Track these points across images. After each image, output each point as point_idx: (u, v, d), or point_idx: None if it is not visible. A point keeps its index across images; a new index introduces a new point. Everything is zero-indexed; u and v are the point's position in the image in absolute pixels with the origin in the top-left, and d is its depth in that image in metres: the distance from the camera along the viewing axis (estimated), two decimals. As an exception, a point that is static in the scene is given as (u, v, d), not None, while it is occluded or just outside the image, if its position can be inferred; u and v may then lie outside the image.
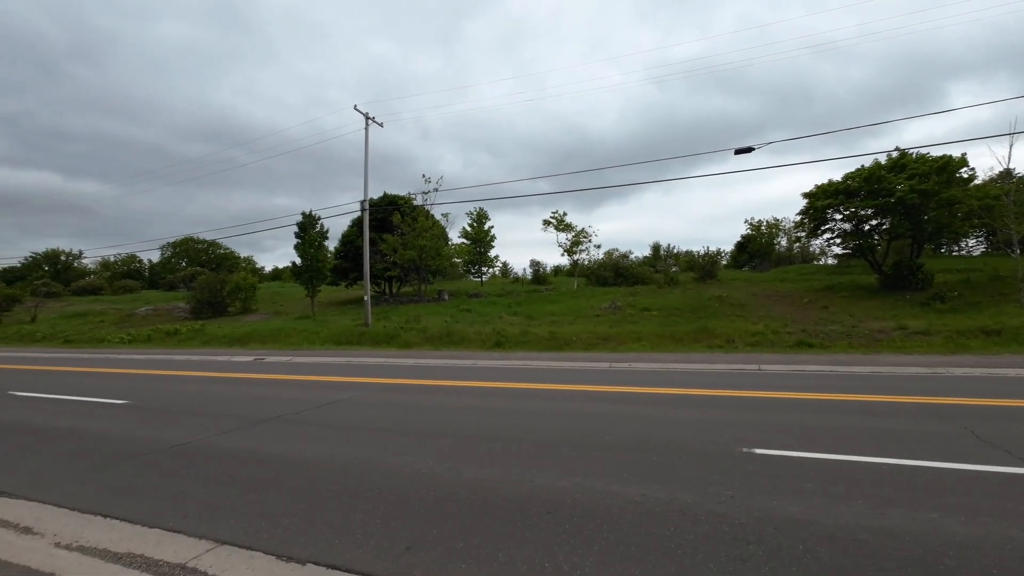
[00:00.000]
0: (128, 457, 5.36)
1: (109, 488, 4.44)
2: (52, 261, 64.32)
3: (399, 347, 17.67)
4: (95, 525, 3.67)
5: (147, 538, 3.43)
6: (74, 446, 5.88)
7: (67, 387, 10.42)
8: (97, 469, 5.00)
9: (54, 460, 5.35)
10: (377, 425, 6.43)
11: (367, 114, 23.20)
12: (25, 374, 13.20)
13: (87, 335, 27.74)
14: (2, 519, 3.79)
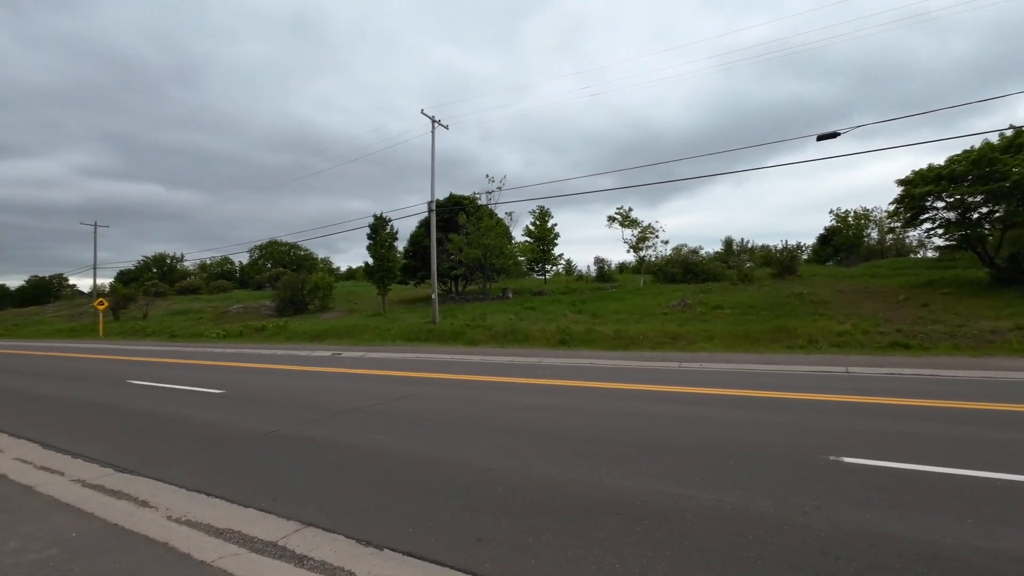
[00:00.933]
0: (225, 442, 5.87)
1: (210, 469, 4.89)
2: (159, 264, 71.72)
3: (465, 344, 18.06)
4: (199, 502, 4.05)
5: (243, 516, 3.74)
6: (180, 431, 6.53)
7: (173, 377, 11.58)
8: (199, 452, 5.52)
9: (165, 442, 5.97)
10: (447, 419, 6.62)
11: (433, 117, 23.86)
12: (139, 365, 14.81)
13: (188, 330, 30.65)
14: (125, 493, 4.28)
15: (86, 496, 4.22)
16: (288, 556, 3.12)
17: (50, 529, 3.54)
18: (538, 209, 39.28)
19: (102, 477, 4.72)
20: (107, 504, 4.03)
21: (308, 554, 3.13)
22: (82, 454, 5.50)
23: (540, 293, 32.38)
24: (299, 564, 3.02)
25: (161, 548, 3.23)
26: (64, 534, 3.45)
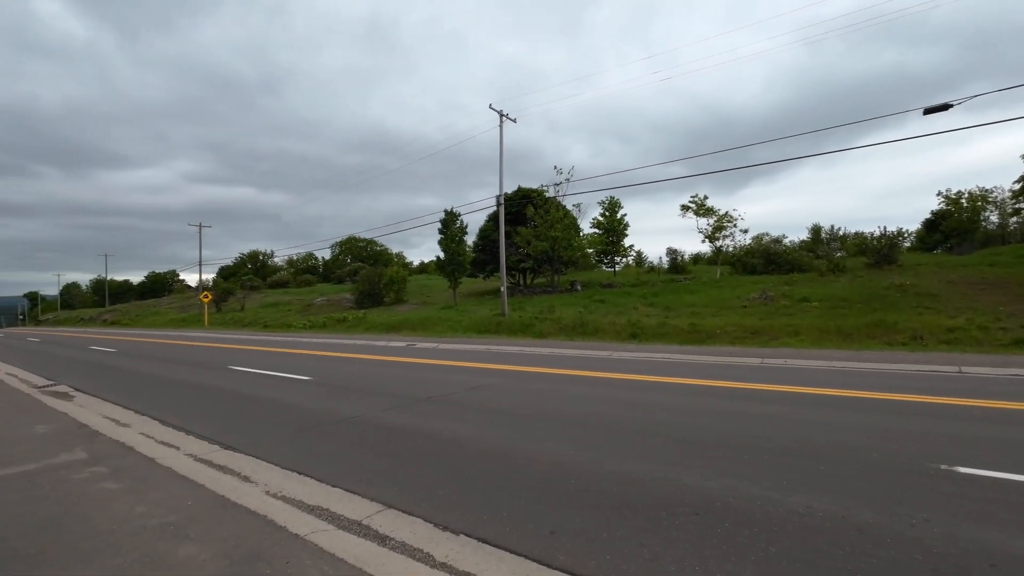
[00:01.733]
0: (314, 425, 6.30)
1: (301, 450, 5.27)
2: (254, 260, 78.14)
3: (534, 336, 18.13)
4: (293, 480, 4.38)
5: (331, 495, 4.00)
6: (274, 413, 7.09)
7: (267, 364, 12.59)
8: (292, 433, 5.96)
9: (261, 423, 6.51)
10: (518, 411, 6.68)
11: (501, 111, 24.01)
12: (238, 352, 16.25)
13: (279, 321, 33.19)
14: (229, 468, 4.72)
15: (197, 469, 4.70)
16: (372, 535, 3.29)
17: (170, 497, 3.98)
18: (607, 200, 38.47)
19: (210, 453, 5.23)
20: (215, 478, 4.46)
21: (390, 534, 3.29)
22: (193, 431, 6.13)
23: (609, 285, 31.78)
24: (382, 543, 3.17)
25: (261, 520, 3.53)
26: (181, 502, 3.87)
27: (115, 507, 3.79)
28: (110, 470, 4.68)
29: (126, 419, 6.92)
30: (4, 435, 6.10)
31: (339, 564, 2.90)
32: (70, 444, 5.62)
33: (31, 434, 6.13)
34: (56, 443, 5.68)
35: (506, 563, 2.92)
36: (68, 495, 4.07)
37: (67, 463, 4.93)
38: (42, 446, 5.56)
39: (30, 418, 7.06)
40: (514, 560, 2.95)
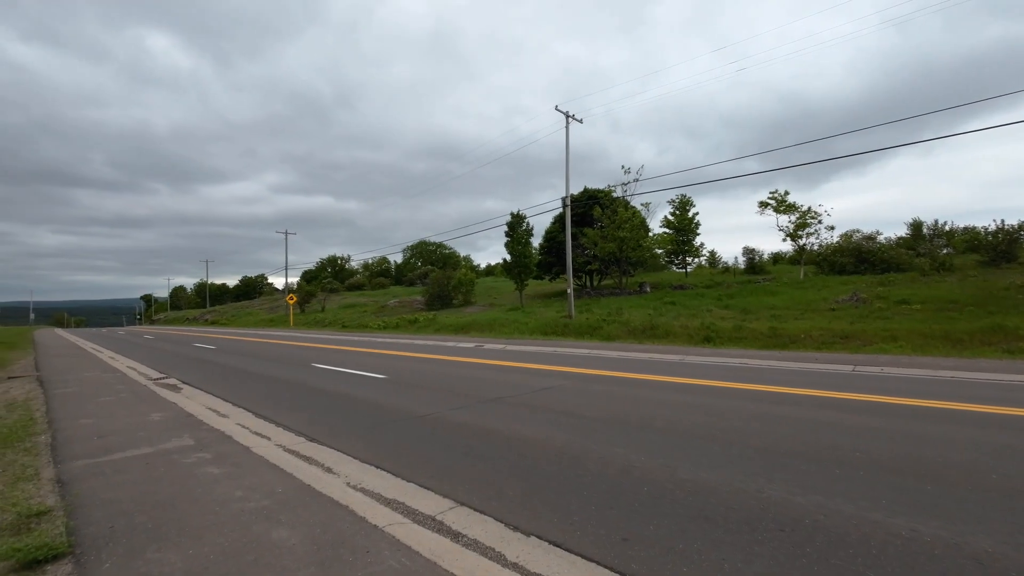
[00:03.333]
0: (389, 422, 6.58)
1: (378, 445, 5.52)
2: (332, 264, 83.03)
3: (601, 339, 17.84)
4: (371, 474, 4.60)
5: (406, 490, 4.15)
6: (353, 409, 7.48)
7: (346, 362, 13.32)
8: (369, 429, 6.26)
9: (342, 418, 6.89)
10: (586, 413, 6.60)
11: (567, 112, 23.91)
12: (320, 351, 17.31)
13: (356, 322, 35.01)
14: (314, 459, 5.03)
15: (286, 459, 5.05)
16: (445, 531, 3.38)
17: (263, 483, 4.31)
18: (678, 198, 37.19)
19: (297, 444, 5.61)
20: (301, 468, 4.77)
21: (462, 531, 3.36)
22: (282, 423, 6.60)
23: (680, 287, 30.68)
24: (455, 540, 3.25)
25: (343, 510, 3.73)
26: (273, 489, 4.18)
27: (218, 490, 4.16)
28: (213, 456, 5.14)
29: (224, 410, 7.58)
30: (127, 422, 6.89)
31: (415, 557, 3.01)
32: (179, 431, 6.25)
33: (148, 421, 6.88)
34: (168, 430, 6.33)
35: (578, 568, 2.89)
36: (179, 477, 4.52)
37: (177, 448, 5.48)
38: (157, 432, 6.22)
39: (147, 407, 7.92)
40: (585, 565, 2.92)
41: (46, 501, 3.94)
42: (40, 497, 4.04)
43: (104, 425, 6.68)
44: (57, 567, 2.95)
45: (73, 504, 3.93)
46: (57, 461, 5.08)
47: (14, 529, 3.43)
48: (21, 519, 3.56)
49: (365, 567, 2.89)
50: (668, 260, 41.83)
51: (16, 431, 6.31)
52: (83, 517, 3.68)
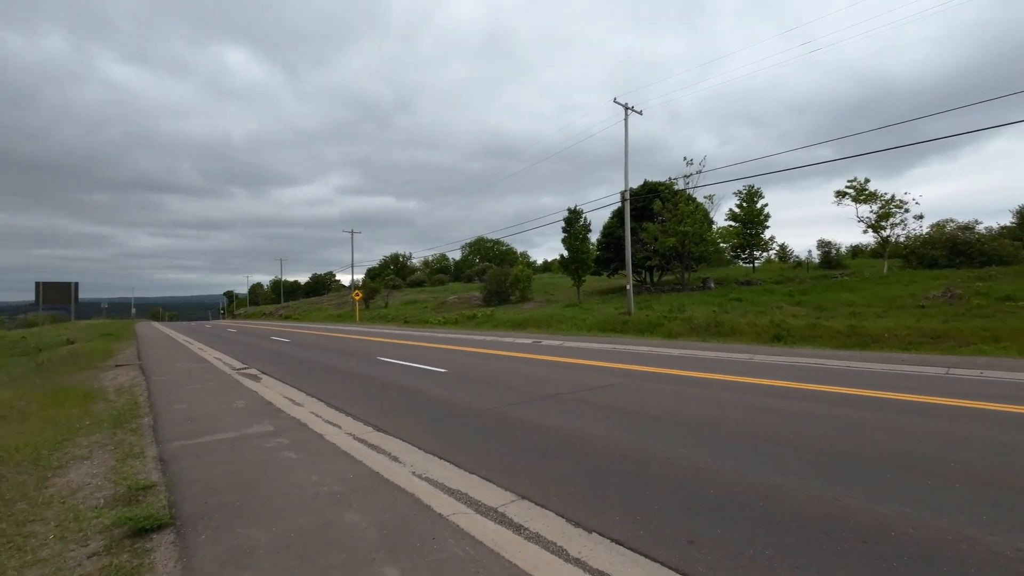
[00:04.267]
0: (451, 415, 6.76)
1: (441, 437, 5.68)
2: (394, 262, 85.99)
3: (662, 336, 17.37)
4: (435, 464, 4.75)
5: (469, 481, 4.26)
6: (417, 401, 7.74)
7: (408, 356, 13.78)
8: (432, 421, 6.46)
9: (406, 410, 7.15)
10: (649, 412, 6.47)
11: (626, 104, 23.38)
12: (384, 345, 18.02)
13: (417, 317, 36.09)
14: (381, 448, 5.26)
15: (356, 447, 5.31)
16: (507, 523, 3.43)
17: (336, 469, 4.56)
18: (745, 189, 35.42)
19: (365, 433, 5.89)
20: (370, 456, 5.00)
21: (524, 524, 3.40)
22: (351, 413, 6.94)
23: (748, 283, 29.27)
24: (517, 532, 3.30)
25: (409, 497, 3.88)
26: (344, 475, 4.41)
27: (295, 474, 4.45)
28: (290, 442, 5.51)
29: (299, 399, 8.08)
30: (215, 408, 7.50)
31: (478, 546, 3.08)
32: (260, 418, 6.73)
33: (232, 408, 7.46)
34: (250, 416, 6.84)
35: (641, 567, 2.86)
36: (261, 460, 4.88)
37: (258, 433, 5.90)
38: (240, 418, 6.74)
39: (231, 395, 8.59)
40: (650, 565, 2.87)
41: (151, 477, 4.38)
42: (146, 473, 4.50)
43: (196, 410, 7.32)
44: (162, 536, 3.28)
45: (172, 481, 4.34)
46: (158, 441, 5.63)
47: (126, 500, 3.84)
48: (131, 492, 3.99)
49: (432, 553, 2.99)
50: (734, 255, 39.96)
51: (124, 413, 7.05)
52: (181, 493, 4.06)
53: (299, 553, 3.03)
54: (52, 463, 4.90)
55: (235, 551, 3.08)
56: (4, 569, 2.92)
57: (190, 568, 2.88)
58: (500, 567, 2.85)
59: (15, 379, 11.62)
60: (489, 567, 2.85)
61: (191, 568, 2.88)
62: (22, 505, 3.86)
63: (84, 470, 4.70)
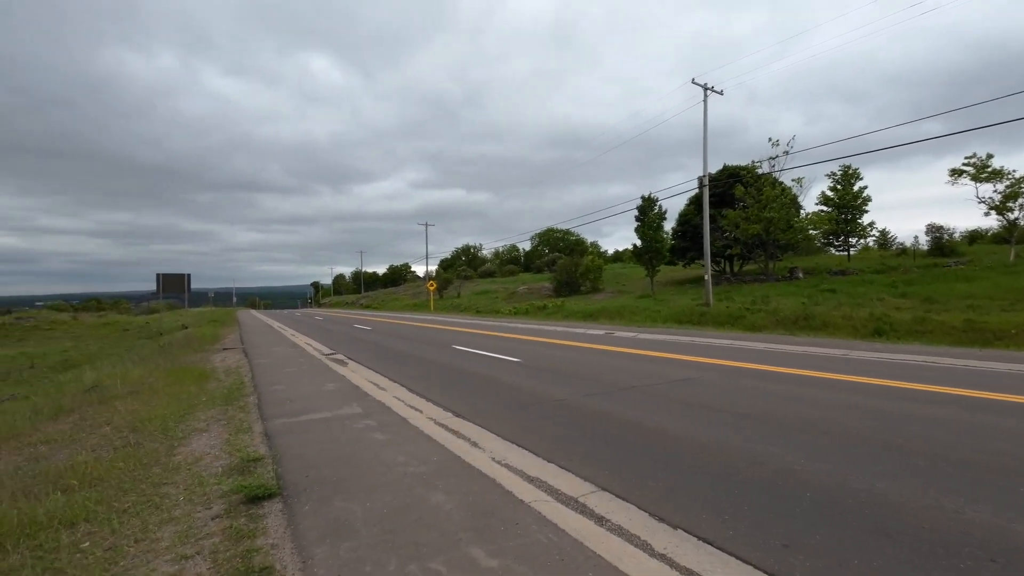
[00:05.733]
0: (526, 403, 6.84)
1: (517, 424, 5.77)
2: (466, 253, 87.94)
3: (744, 329, 16.46)
4: (513, 451, 4.83)
5: (547, 470, 4.30)
6: (492, 389, 7.91)
7: (482, 345, 14.09)
8: (507, 408, 6.57)
9: (482, 397, 7.32)
10: (731, 408, 6.18)
11: (705, 84, 22.21)
12: (458, 334, 18.54)
13: (488, 307, 36.75)
14: (461, 433, 5.44)
15: (438, 432, 5.53)
16: (588, 513, 3.43)
17: (420, 452, 4.78)
18: (840, 170, 32.55)
19: (445, 418, 6.11)
20: (451, 440, 5.19)
21: (606, 516, 3.38)
22: (431, 398, 7.23)
23: (842, 272, 27.01)
24: (598, 523, 3.29)
25: (491, 483, 3.99)
26: (428, 457, 4.61)
27: (383, 454, 4.72)
28: (377, 424, 5.84)
29: (383, 384, 8.53)
30: (309, 390, 8.11)
31: (561, 535, 3.11)
32: (349, 400, 7.19)
33: (324, 390, 8.02)
34: (340, 398, 7.32)
35: (732, 568, 2.75)
36: (352, 440, 5.21)
37: (348, 415, 6.31)
38: (331, 400, 7.23)
39: (322, 378, 9.24)
40: (740, 567, 2.76)
41: (259, 450, 4.83)
42: (254, 447, 4.96)
43: (292, 391, 7.95)
44: (271, 504, 3.61)
45: (277, 454, 4.76)
46: (263, 418, 6.19)
47: (240, 470, 4.26)
48: (244, 463, 4.42)
49: (516, 538, 3.06)
50: (825, 242, 36.94)
51: (233, 392, 7.80)
52: (285, 466, 4.44)
53: (391, 528, 3.21)
54: (178, 434, 5.54)
55: (335, 523, 3.32)
56: (147, 524, 3.35)
57: (298, 535, 3.15)
58: (584, 557, 2.86)
59: (144, 359, 13.23)
60: (572, 556, 2.87)
61: (298, 535, 3.15)
62: (156, 469, 4.41)
63: (204, 441, 5.27)
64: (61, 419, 6.83)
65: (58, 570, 2.82)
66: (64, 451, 5.20)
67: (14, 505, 3.67)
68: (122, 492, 3.89)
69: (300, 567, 2.79)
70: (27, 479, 4.33)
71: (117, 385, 8.53)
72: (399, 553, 2.91)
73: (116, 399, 7.44)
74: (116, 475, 4.23)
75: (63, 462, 4.66)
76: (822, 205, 33.48)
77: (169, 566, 2.83)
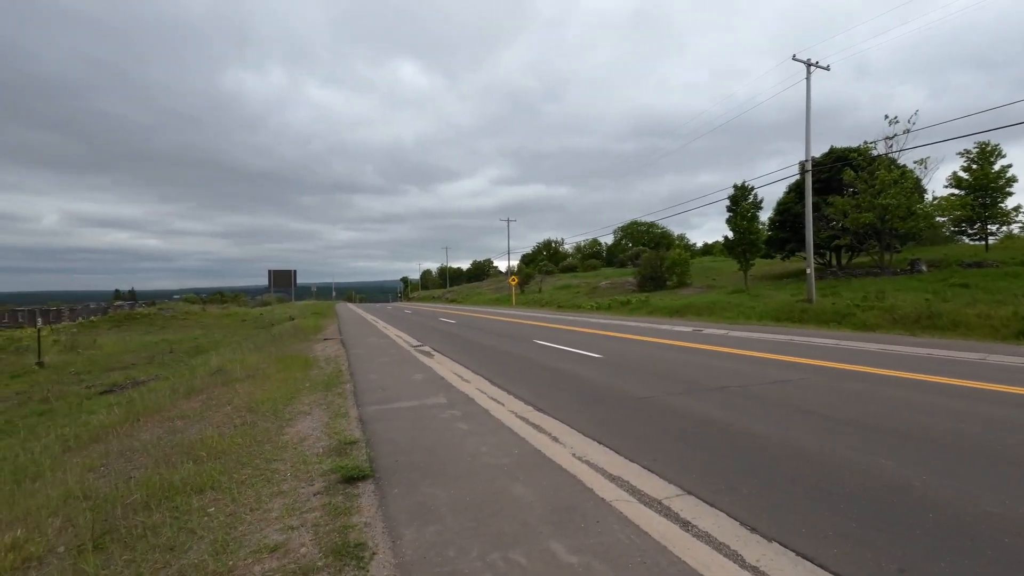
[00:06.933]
0: (606, 400, 6.73)
1: (596, 421, 5.69)
2: (547, 248, 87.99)
3: (853, 328, 14.94)
4: (594, 448, 4.78)
5: (629, 469, 4.20)
6: (573, 384, 7.87)
7: (563, 340, 14.05)
8: (588, 405, 6.50)
9: (563, 392, 7.31)
10: (838, 415, 5.64)
11: (808, 60, 20.34)
12: (539, 328, 18.63)
13: (569, 302, 36.55)
14: (542, 428, 5.47)
15: (518, 424, 5.61)
16: (672, 517, 3.31)
17: (502, 443, 4.88)
18: (975, 147, 28.38)
19: (526, 412, 6.18)
20: (532, 434, 5.24)
21: (692, 521, 3.24)
22: (512, 391, 7.34)
23: (977, 264, 23.63)
24: (684, 528, 3.16)
25: (571, 478, 3.97)
26: (510, 449, 4.69)
27: (467, 443, 4.87)
28: (461, 414, 6.04)
29: (466, 376, 8.80)
30: (399, 379, 8.57)
31: (644, 537, 3.03)
32: (435, 390, 7.50)
33: (412, 380, 8.44)
34: (426, 389, 7.66)
35: (836, 589, 2.52)
36: (438, 428, 5.44)
37: (434, 404, 6.59)
38: (419, 390, 7.59)
39: (411, 369, 9.72)
40: (846, 589, 2.52)
41: (354, 434, 5.19)
42: (350, 431, 5.34)
43: (384, 380, 8.44)
44: (365, 486, 3.87)
45: (370, 439, 5.09)
46: (358, 405, 6.64)
47: (338, 452, 4.61)
48: (341, 445, 4.77)
49: (596, 536, 3.03)
50: (957, 230, 32.39)
51: (332, 379, 8.45)
52: (377, 450, 4.73)
53: (475, 516, 3.31)
54: (285, 416, 6.11)
55: (421, 507, 3.49)
56: (260, 495, 3.74)
57: (388, 516, 3.35)
58: (668, 562, 2.76)
59: (258, 347, 14.73)
60: (655, 559, 2.78)
61: (388, 516, 3.35)
62: (268, 447, 4.89)
63: (307, 423, 5.76)
64: (193, 398, 7.80)
65: (190, 530, 3.23)
66: (195, 426, 5.93)
67: (156, 471, 4.26)
68: (240, 465, 4.36)
69: (390, 546, 2.97)
70: (166, 448, 5.00)
71: (236, 370, 9.57)
72: (481, 541, 2.99)
73: (236, 382, 8.35)
74: (236, 450, 4.76)
75: (194, 436, 5.33)
76: (953, 188, 29.36)
77: (278, 535, 3.13)
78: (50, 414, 10.69)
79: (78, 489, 4.14)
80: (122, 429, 6.35)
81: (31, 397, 12.98)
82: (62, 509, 3.77)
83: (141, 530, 3.23)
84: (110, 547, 3.09)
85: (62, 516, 3.63)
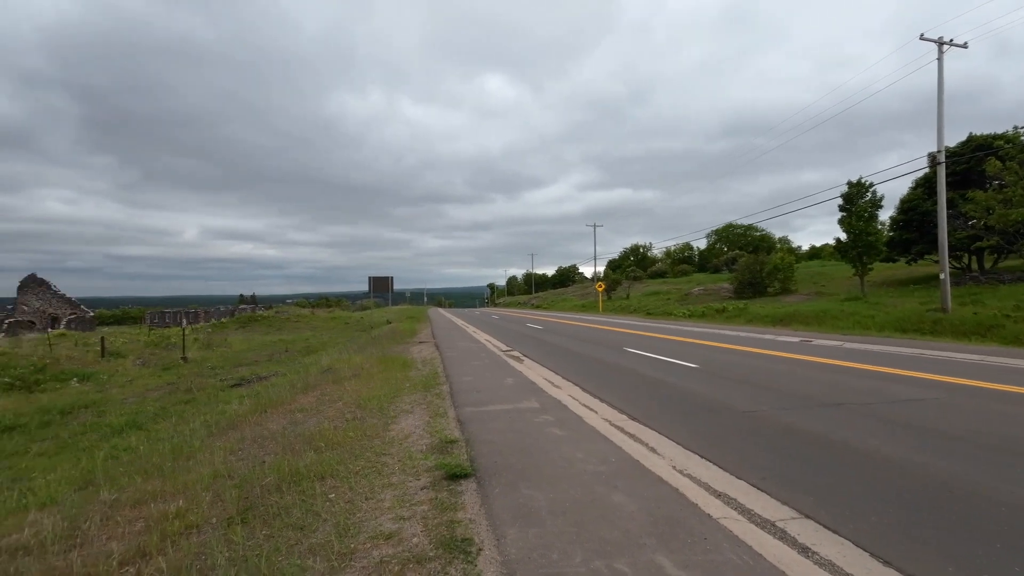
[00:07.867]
0: (706, 412, 6.42)
1: (696, 434, 5.45)
2: (635, 253, 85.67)
3: (1001, 342, 12.94)
4: (695, 461, 4.59)
5: (736, 486, 3.98)
6: (667, 394, 7.60)
7: (655, 348, 13.60)
8: (686, 416, 6.25)
9: (658, 402, 7.08)
10: (980, 439, 4.93)
11: (940, 39, 18.05)
12: (629, 336, 18.19)
13: (659, 309, 35.25)
14: (638, 437, 5.35)
15: (612, 432, 5.53)
16: (788, 541, 3.09)
17: (597, 451, 4.84)
18: None
19: (620, 420, 6.07)
20: (627, 442, 5.14)
21: (811, 547, 3.01)
22: (605, 399, 7.24)
23: None
24: (802, 553, 2.94)
25: (672, 491, 3.85)
26: (606, 457, 4.64)
27: (562, 448, 4.90)
28: (554, 419, 6.07)
29: (557, 381, 8.82)
30: (492, 383, 8.80)
31: (757, 558, 2.86)
32: (527, 395, 7.61)
33: (504, 384, 8.62)
34: (518, 393, 7.79)
35: (995, 639, 2.21)
36: (532, 432, 5.52)
37: (527, 409, 6.68)
38: (511, 394, 7.74)
39: (502, 372, 9.94)
40: (1009, 640, 2.20)
41: (453, 434, 5.42)
42: (449, 430, 5.58)
43: (478, 383, 8.71)
44: (468, 483, 4.03)
45: (468, 439, 5.28)
46: (455, 406, 6.92)
47: (440, 450, 4.85)
48: (443, 443, 5.01)
49: (704, 553, 2.91)
50: None
51: (429, 380, 8.88)
52: (476, 450, 4.90)
53: (575, 521, 3.32)
54: (390, 413, 6.52)
55: (522, 508, 3.57)
56: (373, 486, 4.03)
57: (491, 515, 3.46)
58: (786, 587, 2.59)
59: (361, 348, 15.85)
60: (772, 583, 2.62)
61: (492, 515, 3.46)
62: (376, 441, 5.26)
63: (410, 421, 6.11)
64: (308, 393, 8.58)
65: (315, 512, 3.56)
66: (312, 419, 6.53)
67: (284, 457, 4.75)
68: (354, 456, 4.73)
69: (495, 544, 3.07)
70: (290, 438, 5.56)
71: (344, 369, 10.38)
72: (584, 547, 3.00)
73: (344, 380, 9.06)
74: (349, 442, 5.17)
75: (312, 427, 5.86)
76: None
77: (392, 524, 3.36)
78: (193, 402, 12.27)
79: (224, 469, 4.73)
80: (252, 419, 7.15)
81: (178, 387, 14.99)
82: (212, 485, 4.33)
83: (275, 509, 3.63)
84: (252, 522, 3.51)
85: (211, 491, 4.17)
